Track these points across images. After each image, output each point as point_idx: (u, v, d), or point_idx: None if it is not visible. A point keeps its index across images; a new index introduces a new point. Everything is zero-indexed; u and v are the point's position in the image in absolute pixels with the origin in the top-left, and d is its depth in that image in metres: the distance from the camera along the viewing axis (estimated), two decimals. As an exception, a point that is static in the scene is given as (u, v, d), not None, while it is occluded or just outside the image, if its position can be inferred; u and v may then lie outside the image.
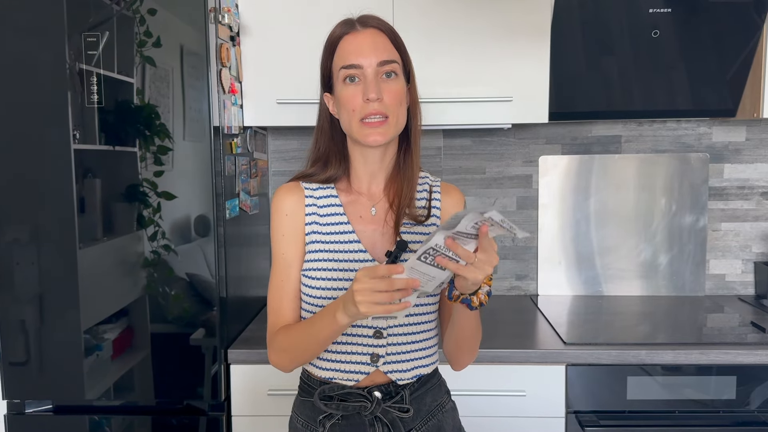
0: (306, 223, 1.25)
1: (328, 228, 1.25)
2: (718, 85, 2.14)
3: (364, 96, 1.17)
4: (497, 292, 2.50)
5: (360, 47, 1.18)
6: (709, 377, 1.84)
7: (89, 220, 1.81)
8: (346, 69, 1.18)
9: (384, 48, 1.20)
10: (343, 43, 1.20)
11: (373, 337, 1.22)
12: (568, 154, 2.44)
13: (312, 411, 1.26)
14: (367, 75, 1.18)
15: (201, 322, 1.84)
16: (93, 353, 1.84)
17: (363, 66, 1.17)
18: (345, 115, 1.21)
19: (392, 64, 1.20)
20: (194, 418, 1.86)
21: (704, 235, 2.42)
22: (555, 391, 1.85)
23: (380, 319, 1.19)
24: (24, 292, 1.82)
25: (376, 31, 1.20)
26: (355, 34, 1.20)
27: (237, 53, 1.99)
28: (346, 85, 1.19)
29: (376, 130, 1.18)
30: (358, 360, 1.23)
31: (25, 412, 1.89)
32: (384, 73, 1.19)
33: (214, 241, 1.82)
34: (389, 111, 1.18)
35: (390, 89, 1.19)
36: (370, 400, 1.21)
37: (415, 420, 1.26)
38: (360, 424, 1.23)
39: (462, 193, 1.38)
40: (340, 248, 1.23)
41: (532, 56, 2.03)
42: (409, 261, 1.04)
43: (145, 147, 1.79)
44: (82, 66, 1.76)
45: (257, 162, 2.27)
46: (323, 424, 1.24)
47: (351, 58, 1.18)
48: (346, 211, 1.26)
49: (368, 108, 1.17)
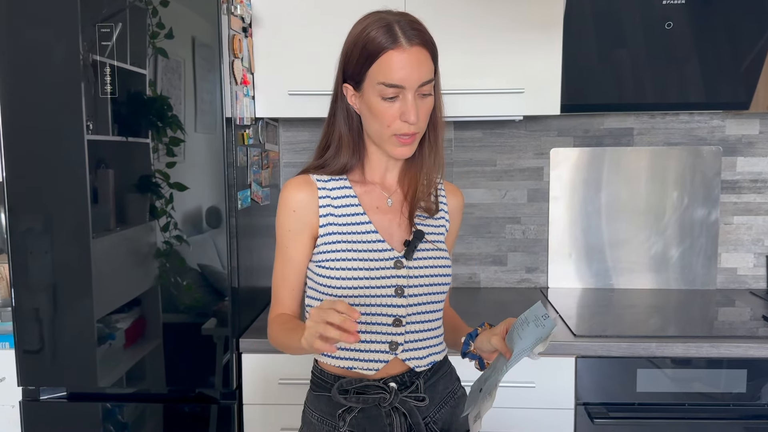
0: (320, 215, 1.25)
1: (344, 219, 1.25)
2: (731, 77, 2.13)
3: (402, 116, 1.17)
4: (507, 284, 2.51)
5: (405, 69, 1.15)
6: (719, 370, 1.84)
7: (102, 211, 1.83)
8: (388, 87, 1.16)
9: (426, 67, 1.18)
10: (387, 58, 1.16)
11: (392, 325, 1.23)
12: (580, 146, 2.43)
13: (327, 405, 1.26)
14: (408, 97, 1.17)
15: (213, 312, 1.86)
16: (106, 342, 1.86)
17: (405, 87, 1.16)
18: (376, 125, 1.20)
19: (430, 84, 1.19)
20: (206, 406, 1.88)
21: (716, 228, 2.41)
22: (565, 383, 1.85)
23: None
24: (38, 281, 1.85)
25: (420, 50, 1.17)
26: (401, 52, 1.15)
27: (249, 44, 2.00)
28: (382, 100, 1.18)
29: (406, 147, 1.21)
30: (378, 348, 1.24)
31: (39, 398, 1.91)
32: (421, 93, 1.18)
33: (225, 231, 1.83)
34: (420, 129, 1.21)
35: (424, 108, 1.20)
36: (387, 390, 1.23)
37: (430, 408, 1.27)
38: (377, 416, 1.24)
39: (462, 194, 1.41)
40: (358, 239, 1.24)
41: (544, 48, 2.02)
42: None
43: (157, 138, 1.80)
44: (95, 57, 1.77)
45: (269, 153, 2.28)
46: (343, 418, 1.24)
47: (395, 78, 1.15)
48: (362, 201, 1.27)
49: (404, 128, 1.18)
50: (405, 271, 1.23)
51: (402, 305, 1.23)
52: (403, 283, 1.23)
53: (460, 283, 2.51)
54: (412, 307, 1.23)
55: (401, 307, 1.23)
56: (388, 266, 1.22)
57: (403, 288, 1.23)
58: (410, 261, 1.24)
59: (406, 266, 1.23)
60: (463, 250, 2.50)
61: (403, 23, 1.17)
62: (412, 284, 1.23)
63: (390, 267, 1.22)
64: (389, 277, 1.22)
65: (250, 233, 2.05)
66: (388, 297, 1.22)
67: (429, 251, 1.27)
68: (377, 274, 1.22)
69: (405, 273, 1.23)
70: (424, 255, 1.26)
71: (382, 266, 1.22)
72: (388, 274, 1.22)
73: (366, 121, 1.23)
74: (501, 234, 2.49)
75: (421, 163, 1.28)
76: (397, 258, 1.23)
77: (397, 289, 1.22)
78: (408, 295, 1.23)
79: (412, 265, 1.24)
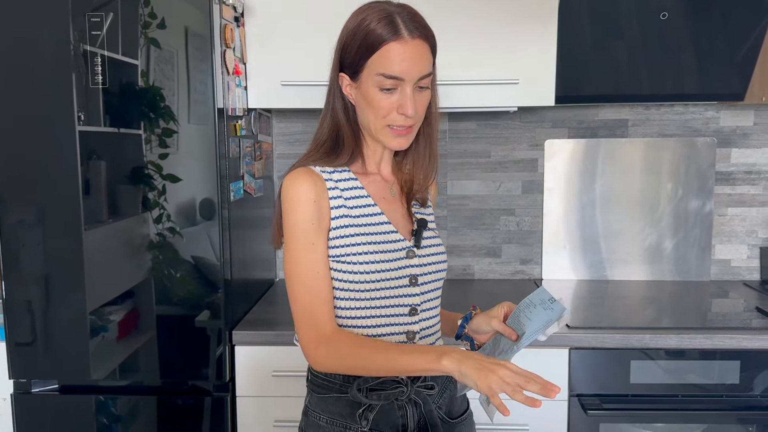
0: (332, 207, 1.21)
1: (357, 211, 1.23)
2: (726, 68, 2.12)
3: (399, 109, 1.17)
4: (501, 276, 2.51)
5: (406, 61, 1.15)
6: (712, 362, 1.84)
7: (94, 202, 1.82)
8: (387, 78, 1.15)
9: (426, 61, 1.17)
10: (387, 49, 1.15)
11: (408, 314, 1.24)
12: (575, 137, 2.43)
13: (337, 406, 1.23)
14: (406, 90, 1.16)
15: (206, 304, 1.85)
16: (99, 334, 1.85)
17: (404, 80, 1.16)
18: (370, 114, 1.19)
19: (428, 78, 1.19)
20: (199, 398, 1.88)
21: (710, 220, 2.41)
22: (558, 374, 1.85)
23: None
24: (30, 273, 1.83)
25: (422, 43, 1.16)
26: (402, 44, 1.14)
27: (241, 34, 1.98)
28: (380, 91, 1.17)
29: (402, 138, 1.21)
30: (396, 340, 1.24)
31: (31, 391, 1.90)
32: (419, 86, 1.18)
33: (218, 223, 1.82)
34: (416, 121, 1.21)
35: (422, 101, 1.19)
36: (403, 383, 1.22)
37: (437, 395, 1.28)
38: (391, 409, 1.23)
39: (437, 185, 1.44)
40: (373, 230, 1.23)
41: (539, 38, 2.01)
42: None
43: (149, 129, 1.78)
44: (86, 47, 1.75)
45: (261, 145, 2.26)
46: (365, 417, 1.21)
47: (395, 70, 1.15)
48: (369, 192, 1.26)
49: (399, 120, 1.18)
50: (417, 260, 1.25)
51: (416, 294, 1.24)
52: (416, 272, 1.24)
53: (454, 274, 2.51)
54: (425, 294, 1.25)
55: (416, 296, 1.24)
56: (401, 256, 1.23)
57: (416, 277, 1.24)
58: (420, 249, 1.25)
59: (417, 255, 1.25)
60: (458, 242, 2.50)
61: (404, 15, 1.16)
62: (424, 272, 1.25)
63: (403, 257, 1.23)
64: (403, 267, 1.23)
65: (244, 225, 2.04)
66: (403, 287, 1.23)
67: (431, 239, 1.30)
68: (393, 265, 1.22)
69: (417, 262, 1.24)
70: (428, 243, 1.28)
71: (396, 257, 1.23)
72: (402, 264, 1.23)
73: (360, 111, 1.22)
74: (495, 226, 2.49)
75: (416, 155, 1.28)
76: (408, 248, 1.24)
77: (411, 279, 1.23)
78: (421, 284, 1.24)
79: (422, 254, 1.26)
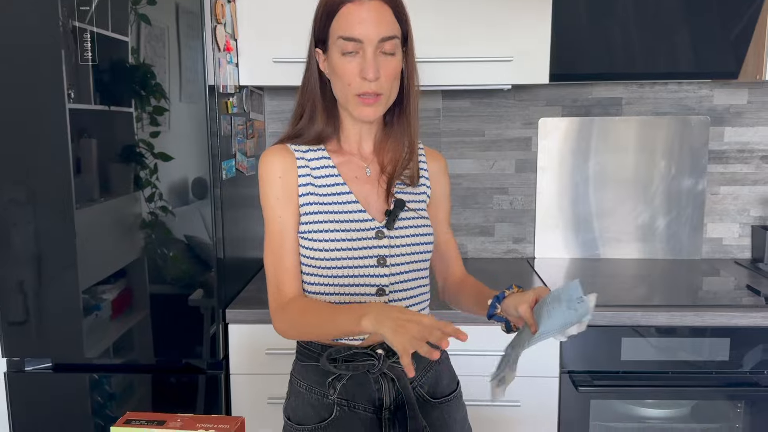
0: (300, 184, 1.24)
1: (324, 189, 1.24)
2: (720, 46, 2.11)
3: (361, 73, 1.16)
4: (494, 254, 2.51)
5: (362, 21, 1.15)
6: (702, 339, 1.86)
7: (86, 181, 1.81)
8: (345, 41, 1.16)
9: (386, 23, 1.16)
10: (344, 10, 1.16)
11: (375, 295, 1.23)
12: (569, 116, 2.42)
13: (316, 374, 1.26)
14: (367, 52, 1.15)
15: (199, 282, 1.85)
16: (92, 313, 1.85)
17: (363, 41, 1.15)
18: (339, 85, 1.20)
19: (392, 41, 1.17)
20: (193, 376, 1.89)
21: (703, 198, 2.42)
22: (549, 351, 1.87)
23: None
24: (21, 252, 1.83)
25: (380, 4, 1.16)
26: (358, 5, 1.15)
27: (232, 10, 1.96)
28: (343, 57, 1.17)
29: (369, 108, 1.19)
30: None
31: (24, 369, 1.91)
32: (383, 50, 1.17)
33: (210, 202, 1.82)
34: (383, 89, 1.18)
35: (387, 67, 1.18)
36: (376, 357, 1.22)
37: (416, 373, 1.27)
38: (366, 383, 1.24)
39: (444, 157, 1.39)
40: (338, 209, 1.23)
41: (533, 15, 1.99)
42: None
43: (140, 107, 1.77)
44: (75, 23, 1.73)
45: (254, 122, 2.25)
46: (333, 386, 1.23)
47: (352, 31, 1.15)
48: (340, 171, 1.26)
49: (364, 86, 1.17)
50: (387, 240, 1.23)
51: (385, 275, 1.23)
52: (385, 252, 1.23)
53: (447, 253, 2.51)
54: (395, 276, 1.24)
55: (384, 277, 1.23)
56: (369, 236, 1.22)
57: (385, 258, 1.23)
58: (391, 231, 1.24)
59: (387, 236, 1.23)
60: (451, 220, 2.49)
61: None
62: (394, 254, 1.23)
63: (371, 237, 1.22)
64: (371, 248, 1.22)
65: (236, 204, 2.03)
66: (370, 267, 1.22)
67: (410, 219, 1.27)
68: (359, 244, 1.21)
69: (387, 243, 1.23)
70: (405, 224, 1.26)
71: (363, 236, 1.22)
72: (369, 245, 1.22)
73: (333, 85, 1.22)
74: (488, 205, 2.49)
75: (396, 132, 1.27)
76: (378, 228, 1.23)
77: (379, 259, 1.22)
78: (390, 265, 1.23)
79: (394, 235, 1.24)
